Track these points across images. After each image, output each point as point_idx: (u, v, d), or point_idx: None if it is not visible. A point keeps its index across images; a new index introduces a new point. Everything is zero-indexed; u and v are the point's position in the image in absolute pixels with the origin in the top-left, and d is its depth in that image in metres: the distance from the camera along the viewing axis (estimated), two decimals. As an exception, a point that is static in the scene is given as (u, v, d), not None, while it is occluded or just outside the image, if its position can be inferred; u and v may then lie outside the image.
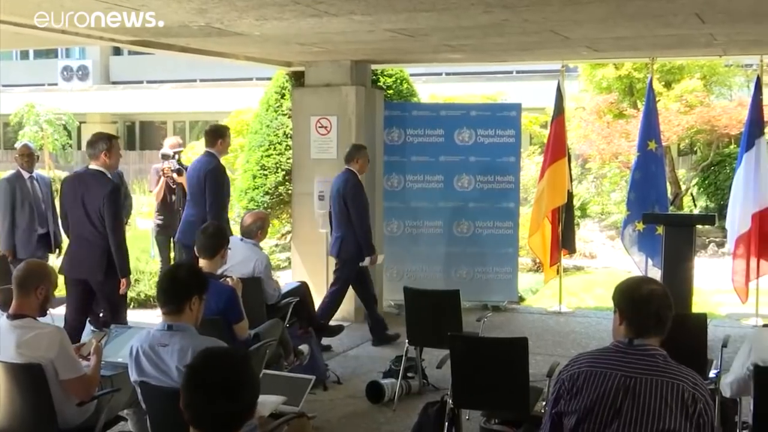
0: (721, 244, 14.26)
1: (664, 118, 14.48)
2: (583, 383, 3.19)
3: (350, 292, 8.83)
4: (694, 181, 17.11)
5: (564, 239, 10.00)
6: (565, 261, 11.05)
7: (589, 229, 16.72)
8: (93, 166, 6.65)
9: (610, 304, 3.40)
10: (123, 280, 6.67)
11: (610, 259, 14.20)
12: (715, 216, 9.93)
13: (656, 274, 9.03)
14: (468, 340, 5.58)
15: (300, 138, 9.77)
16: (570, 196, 10.13)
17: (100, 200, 6.52)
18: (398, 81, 11.83)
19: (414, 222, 10.26)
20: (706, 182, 16.41)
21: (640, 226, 9.45)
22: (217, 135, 7.97)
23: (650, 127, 9.73)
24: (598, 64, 16.25)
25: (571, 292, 11.24)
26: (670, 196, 11.02)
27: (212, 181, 7.75)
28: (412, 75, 12.68)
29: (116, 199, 6.64)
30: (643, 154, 9.69)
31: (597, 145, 16.26)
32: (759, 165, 9.13)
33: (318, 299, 8.32)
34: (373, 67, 10.40)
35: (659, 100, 14.60)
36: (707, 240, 14.77)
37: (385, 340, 8.54)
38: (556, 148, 9.86)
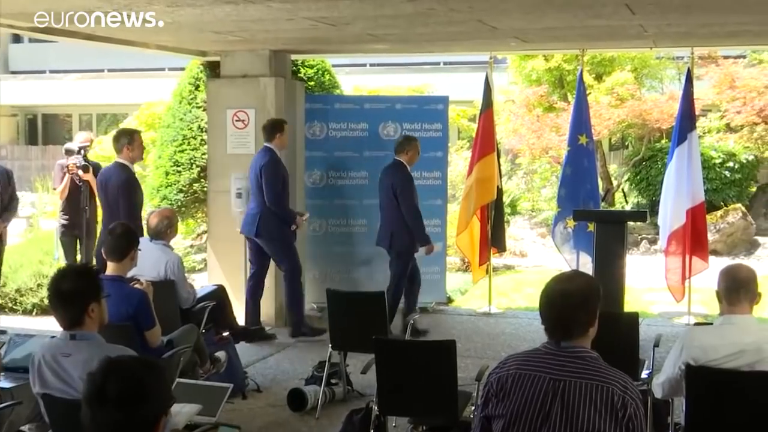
0: (653, 241, 14.59)
1: (595, 111, 14.77)
2: (512, 386, 3.23)
3: (269, 294, 8.79)
4: (626, 177, 17.46)
5: (493, 237, 10.10)
6: (495, 260, 11.17)
7: (520, 227, 16.93)
8: (118, 159, 7.79)
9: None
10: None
11: (541, 258, 14.42)
12: (647, 212, 10.17)
13: (588, 272, 9.20)
14: (394, 344, 5.60)
15: (215, 132, 9.67)
16: (499, 192, 10.24)
17: (116, 191, 7.58)
18: (320, 72, 11.80)
19: (337, 220, 10.25)
20: (638, 178, 16.77)
21: (571, 223, 9.60)
22: (274, 129, 8.60)
23: (581, 121, 9.89)
24: (528, 56, 16.48)
25: (501, 292, 11.37)
26: (601, 191, 11.21)
27: (268, 175, 8.46)
28: (334, 66, 12.67)
29: (128, 190, 7.61)
30: (573, 149, 9.83)
31: (527, 139, 16.50)
32: (692, 160, 9.33)
33: (236, 302, 8.26)
34: (294, 57, 10.35)
35: (590, 93, 14.87)
36: (639, 237, 15.11)
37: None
38: (485, 143, 9.95)
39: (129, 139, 7.76)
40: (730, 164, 16.20)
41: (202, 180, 11.26)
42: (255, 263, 8.88)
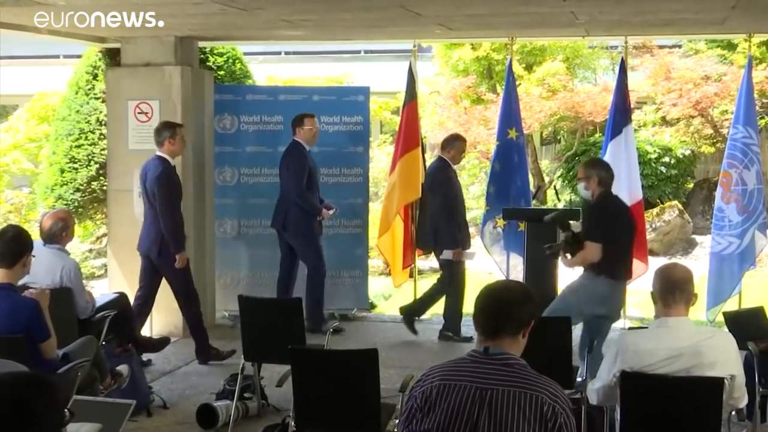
0: (587, 241, 14.82)
1: (526, 103, 14.97)
2: (437, 398, 3.26)
3: (172, 302, 8.71)
4: (558, 173, 17.73)
5: (418, 238, 10.15)
6: (420, 262, 11.24)
7: (447, 227, 17.02)
8: (158, 152, 8.13)
9: (470, 309, 3.50)
10: (177, 256, 8.03)
11: (469, 260, 14.49)
12: (580, 210, 10.32)
13: (519, 274, 9.32)
14: (312, 354, 5.60)
15: (116, 125, 9.53)
16: (424, 190, 10.29)
17: (153, 183, 7.98)
18: (230, 61, 11.73)
19: (250, 221, 10.20)
20: (571, 174, 17.00)
21: (501, 222, 9.72)
22: (295, 123, 9.23)
23: (510, 114, 10.01)
24: (454, 45, 16.62)
25: (427, 296, 11.43)
26: (532, 188, 11.35)
27: (291, 167, 9.19)
28: (246, 54, 12.61)
29: (165, 182, 7.97)
30: (503, 143, 9.96)
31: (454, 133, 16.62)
32: (628, 155, 9.52)
33: (139, 312, 8.19)
34: (201, 44, 10.26)
35: (520, 84, 15.08)
36: (572, 237, 15.34)
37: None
38: (409, 137, 10.00)
39: (171, 133, 8.11)
40: (666, 159, 16.59)
41: (101, 178, 11.09)
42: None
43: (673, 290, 4.34)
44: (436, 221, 9.25)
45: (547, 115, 16.07)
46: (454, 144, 9.38)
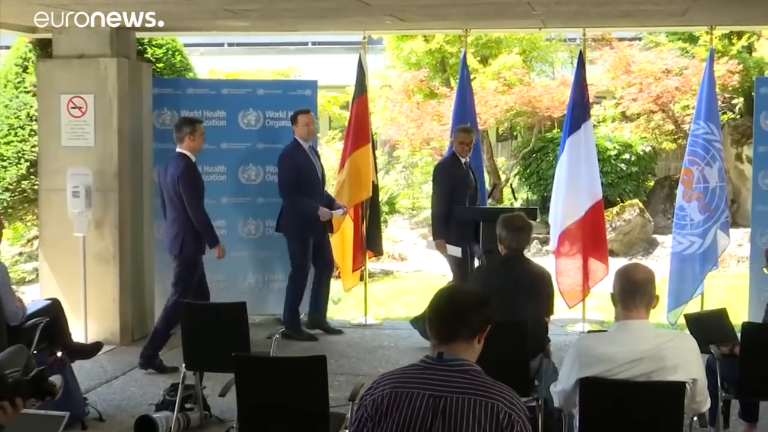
0: (545, 241, 14.92)
1: (481, 98, 15.06)
2: (388, 407, 3.26)
3: (113, 308, 8.62)
4: (515, 171, 17.85)
5: (368, 239, 10.16)
6: (371, 265, 11.25)
7: (399, 227, 17.10)
8: (178, 149, 8.33)
9: (424, 312, 3.51)
10: (215, 250, 8.46)
11: (422, 262, 14.58)
12: (537, 209, 10.41)
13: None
14: (256, 362, 5.57)
15: (47, 121, 9.42)
16: (375, 188, 10.31)
17: (175, 180, 8.17)
18: (170, 52, 11.65)
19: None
20: (528, 171, 17.16)
21: (456, 222, 9.74)
22: (292, 121, 9.42)
23: (465, 109, 10.06)
24: (406, 36, 16.66)
25: (379, 300, 11.46)
26: (488, 187, 11.43)
27: (280, 168, 9.44)
28: (186, 46, 12.53)
29: (190, 179, 8.21)
30: (457, 140, 9.98)
31: (406, 129, 16.68)
32: (587, 152, 9.58)
33: (73, 318, 8.10)
34: (139, 35, 10.17)
35: (475, 78, 15.17)
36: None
37: None
38: (359, 133, 10.00)
39: (191, 129, 8.32)
40: (626, 156, 16.78)
41: (32, 177, 10.95)
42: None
43: (633, 292, 4.37)
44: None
45: (503, 110, 16.16)
46: (455, 135, 9.49)
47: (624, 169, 16.66)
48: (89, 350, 8.12)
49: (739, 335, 5.91)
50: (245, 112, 10.06)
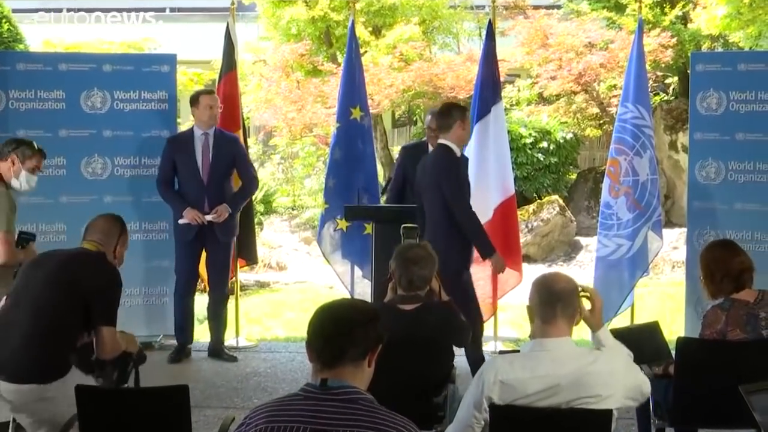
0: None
1: (373, 75, 15.12)
2: (263, 445, 3.26)
3: None
4: (414, 162, 17.94)
5: (240, 245, 10.09)
6: (243, 276, 11.19)
7: (277, 230, 17.07)
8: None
9: (305, 333, 3.50)
10: None
11: (305, 271, 14.60)
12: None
13: (366, 289, 9.37)
14: (102, 395, 5.50)
15: None
16: (248, 184, 10.27)
17: None
18: (-4, 19, 11.46)
19: (24, 226, 9.92)
20: (430, 163, 17.26)
21: (344, 223, 9.74)
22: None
23: (354, 89, 10.04)
24: (284, 1, 16.63)
25: (253, 318, 11.41)
26: (382, 182, 11.45)
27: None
28: (15, 11, 12.33)
29: None
30: (345, 126, 9.97)
31: (284, 113, 16.64)
32: (498, 141, 9.63)
33: None
34: (-44, -2, 9.97)
35: (366, 52, 15.24)
36: (432, 240, 15.55)
37: None
38: (228, 118, 9.93)
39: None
40: (544, 145, 16.98)
41: None
42: None
43: (553, 304, 4.39)
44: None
45: (399, 90, 16.20)
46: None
47: (541, 159, 16.85)
48: None
49: (673, 352, 5.99)
50: (89, 93, 9.88)
